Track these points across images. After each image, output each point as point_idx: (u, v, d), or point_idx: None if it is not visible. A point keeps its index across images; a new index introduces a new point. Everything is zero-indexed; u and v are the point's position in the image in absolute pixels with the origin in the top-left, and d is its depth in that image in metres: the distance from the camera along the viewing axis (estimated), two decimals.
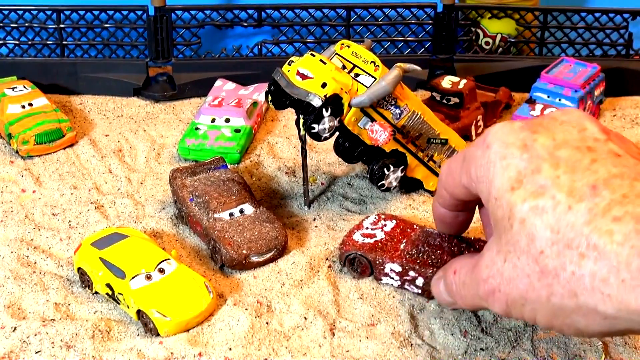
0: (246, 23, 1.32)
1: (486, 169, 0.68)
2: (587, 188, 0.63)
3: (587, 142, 0.66)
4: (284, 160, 1.12)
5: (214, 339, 0.83)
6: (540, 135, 0.67)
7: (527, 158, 0.66)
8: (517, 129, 0.68)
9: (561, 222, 0.63)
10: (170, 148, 1.16)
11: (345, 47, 0.99)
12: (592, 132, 0.68)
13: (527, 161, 0.66)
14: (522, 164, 0.66)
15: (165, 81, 1.32)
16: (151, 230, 0.98)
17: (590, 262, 0.61)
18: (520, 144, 0.67)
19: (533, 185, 0.65)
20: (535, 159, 0.66)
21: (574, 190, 0.63)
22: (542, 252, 0.63)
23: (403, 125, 0.99)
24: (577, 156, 0.65)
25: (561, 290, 0.63)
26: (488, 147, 0.68)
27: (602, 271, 0.60)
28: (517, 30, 1.35)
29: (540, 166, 0.65)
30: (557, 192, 0.63)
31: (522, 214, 0.64)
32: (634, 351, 0.81)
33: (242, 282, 0.90)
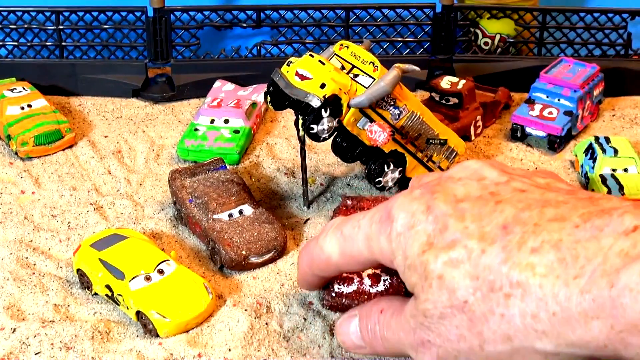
0: (245, 24, 1.32)
1: (398, 242, 0.66)
2: (498, 229, 0.62)
3: (489, 188, 0.65)
4: (283, 161, 1.12)
5: (213, 339, 0.83)
6: (440, 194, 0.66)
7: (432, 219, 0.64)
8: (417, 196, 0.66)
9: (478, 268, 0.61)
10: (169, 149, 1.16)
11: (344, 47, 0.99)
12: (491, 178, 0.67)
13: (433, 222, 0.64)
14: (430, 226, 0.64)
15: (164, 82, 1.32)
16: (150, 231, 0.98)
17: (517, 300, 0.59)
18: (423, 208, 0.65)
19: (443, 242, 0.63)
20: (440, 217, 0.64)
21: (484, 235, 0.62)
22: (466, 302, 0.61)
23: (402, 125, 0.99)
24: (481, 203, 0.64)
25: (493, 336, 0.61)
26: (393, 220, 0.66)
27: (531, 307, 0.58)
28: (516, 30, 1.35)
29: (446, 223, 0.64)
30: (467, 240, 0.62)
31: (438, 271, 0.63)
32: None
33: (242, 283, 0.90)
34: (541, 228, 0.60)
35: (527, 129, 1.16)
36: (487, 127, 1.21)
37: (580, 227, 0.59)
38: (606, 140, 1.09)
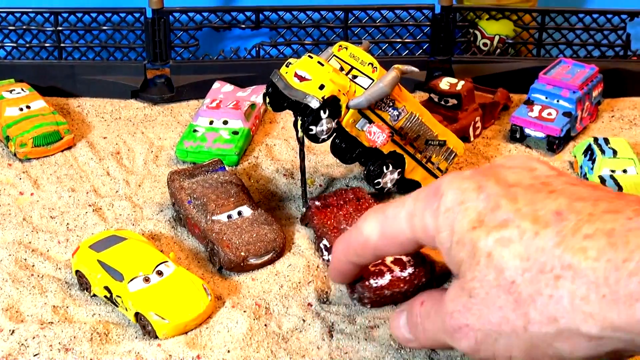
0: (244, 25, 1.32)
1: (445, 217, 0.66)
2: (551, 215, 0.62)
3: (540, 178, 0.66)
4: (282, 162, 1.12)
5: (212, 341, 0.82)
6: (492, 176, 0.66)
7: (484, 198, 0.65)
8: (468, 176, 0.67)
9: (530, 249, 0.61)
10: (168, 150, 1.15)
11: (343, 48, 0.99)
12: (542, 171, 0.68)
13: (484, 201, 0.64)
14: (481, 204, 0.64)
15: (163, 83, 1.32)
16: (149, 233, 0.98)
17: (567, 282, 0.59)
18: (475, 186, 0.66)
19: (495, 220, 0.63)
20: (492, 197, 0.64)
21: (538, 218, 0.62)
22: (514, 282, 0.61)
23: (401, 126, 0.99)
24: (533, 190, 0.65)
25: (539, 317, 0.61)
26: (442, 195, 0.67)
27: (581, 289, 0.59)
28: (514, 31, 1.35)
29: (499, 203, 0.64)
30: (521, 221, 0.62)
31: (488, 248, 0.63)
32: None
33: (241, 284, 0.90)
34: (595, 218, 0.61)
35: (526, 130, 1.16)
36: (486, 128, 1.21)
37: (633, 219, 0.60)
38: (605, 141, 1.09)
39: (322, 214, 0.96)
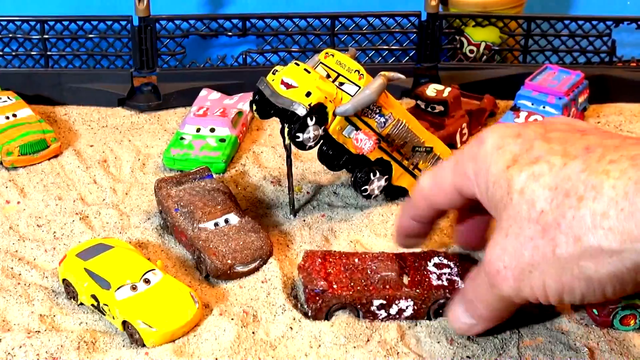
0: (231, 33, 1.32)
1: (483, 161, 0.71)
2: (581, 149, 0.66)
3: (576, 128, 0.71)
4: (269, 170, 1.12)
5: (200, 349, 0.82)
6: (532, 125, 0.72)
7: (521, 142, 0.70)
8: (510, 125, 0.72)
9: (558, 178, 0.65)
10: (155, 158, 1.15)
11: (329, 56, 0.99)
12: (580, 124, 0.73)
13: (520, 144, 0.69)
14: (517, 147, 0.69)
15: (150, 91, 1.32)
16: (136, 241, 0.98)
17: (589, 202, 0.63)
18: (514, 133, 0.71)
19: (528, 158, 0.68)
20: (528, 140, 0.69)
21: (567, 153, 0.67)
22: (542, 212, 0.65)
23: (388, 133, 0.99)
24: (568, 134, 0.69)
25: (564, 238, 0.64)
26: (484, 142, 0.72)
27: (601, 206, 0.62)
28: (501, 38, 1.35)
29: (532, 144, 0.69)
30: (551, 157, 0.67)
31: (520, 184, 0.67)
32: (619, 357, 0.81)
33: (228, 292, 0.90)
34: (621, 148, 0.65)
35: None
36: (473, 135, 1.21)
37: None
38: None
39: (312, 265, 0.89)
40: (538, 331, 0.84)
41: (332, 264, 0.88)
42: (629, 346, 0.83)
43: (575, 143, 0.68)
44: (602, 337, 0.84)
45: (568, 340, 0.83)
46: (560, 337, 0.83)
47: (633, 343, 0.83)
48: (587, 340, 0.83)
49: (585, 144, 0.67)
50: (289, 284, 0.91)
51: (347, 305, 0.85)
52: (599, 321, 0.84)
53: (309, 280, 0.86)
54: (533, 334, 0.84)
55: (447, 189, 0.76)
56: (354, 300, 0.84)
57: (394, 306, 0.85)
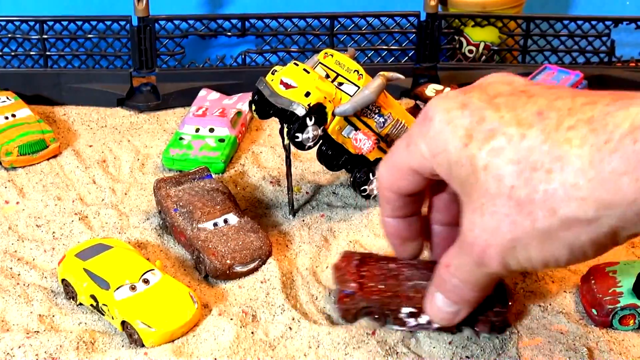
0: (230, 33, 1.32)
1: (437, 140, 0.69)
2: (533, 115, 0.65)
3: (519, 88, 0.69)
4: (268, 170, 1.12)
5: (199, 349, 0.82)
6: (474, 92, 0.70)
7: (469, 113, 0.68)
8: (451, 96, 0.71)
9: (520, 151, 0.65)
10: (154, 158, 1.15)
11: (328, 56, 0.99)
12: (519, 82, 0.71)
13: (469, 116, 0.68)
14: (466, 120, 0.68)
15: (149, 91, 1.32)
16: (135, 241, 0.98)
17: (557, 174, 0.63)
18: (459, 104, 0.69)
19: (482, 133, 0.67)
20: (476, 111, 0.68)
21: (521, 121, 0.66)
22: (513, 187, 0.65)
23: (387, 133, 0.99)
24: (514, 98, 0.68)
25: (541, 213, 0.64)
26: (431, 120, 0.70)
27: (570, 177, 0.62)
28: (500, 38, 1.35)
29: (483, 115, 0.67)
30: (506, 128, 0.66)
31: (483, 161, 0.66)
32: (619, 357, 0.81)
33: (227, 292, 0.90)
34: (575, 110, 0.64)
35: None
36: None
37: (610, 104, 0.63)
38: None
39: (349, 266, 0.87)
40: (537, 331, 0.84)
41: (368, 267, 0.86)
42: (629, 346, 0.83)
43: (524, 108, 0.66)
44: (602, 337, 0.84)
45: (567, 340, 0.83)
46: (559, 337, 0.83)
47: (632, 343, 0.83)
48: (586, 341, 0.83)
49: (536, 109, 0.66)
50: (288, 284, 0.91)
51: (375, 310, 0.83)
52: (598, 321, 0.84)
53: (342, 281, 0.85)
54: (532, 334, 0.84)
55: (405, 172, 0.75)
56: (383, 306, 0.83)
57: (422, 316, 0.82)
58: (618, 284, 0.85)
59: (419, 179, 0.75)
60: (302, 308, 0.88)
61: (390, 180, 0.77)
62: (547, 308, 0.87)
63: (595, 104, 0.64)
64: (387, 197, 0.79)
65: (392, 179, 0.76)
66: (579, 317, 0.86)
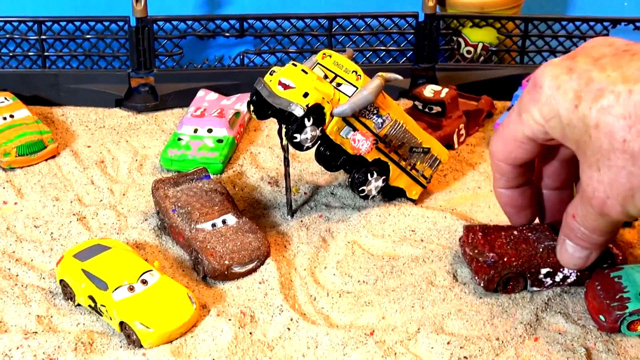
0: (228, 33, 1.32)
1: (548, 105, 0.74)
2: (638, 71, 0.70)
3: (621, 48, 0.73)
4: (266, 170, 1.12)
5: (197, 350, 0.82)
6: (579, 56, 0.74)
7: (577, 76, 0.72)
8: (557, 62, 0.75)
9: (629, 107, 0.69)
10: (152, 159, 1.15)
11: (327, 56, 0.99)
12: (621, 42, 0.75)
13: (577, 79, 0.72)
14: (574, 83, 0.72)
15: (147, 92, 1.31)
16: (134, 242, 0.98)
17: None
18: (566, 69, 0.73)
19: (591, 93, 0.71)
20: (583, 73, 0.72)
21: (627, 78, 0.70)
22: (625, 140, 0.69)
23: (385, 134, 0.99)
24: (617, 57, 0.72)
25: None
26: (541, 87, 0.74)
27: None
28: (498, 39, 1.35)
29: (590, 76, 0.71)
30: (613, 86, 0.70)
31: (594, 120, 0.70)
32: (617, 357, 0.81)
33: (225, 293, 0.90)
34: None
35: None
36: (470, 136, 1.21)
37: None
38: None
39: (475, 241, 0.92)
40: (536, 332, 0.84)
41: (493, 237, 0.91)
42: (626, 347, 0.83)
43: (629, 65, 0.71)
44: (600, 337, 0.84)
45: (565, 340, 0.83)
46: (557, 338, 0.83)
47: (630, 343, 0.83)
48: (584, 341, 0.83)
49: (639, 64, 0.70)
50: (287, 285, 0.91)
51: (516, 275, 0.88)
52: (606, 327, 0.84)
53: (478, 253, 0.90)
54: (530, 335, 0.84)
55: (520, 141, 0.79)
56: (524, 270, 0.88)
57: (559, 274, 0.88)
58: (624, 289, 0.84)
59: (533, 146, 0.79)
60: (300, 309, 0.88)
61: (506, 152, 0.82)
62: (546, 308, 0.87)
63: None
64: (502, 170, 0.84)
65: (507, 150, 0.81)
66: (577, 318, 0.86)
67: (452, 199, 1.07)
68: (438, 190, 1.08)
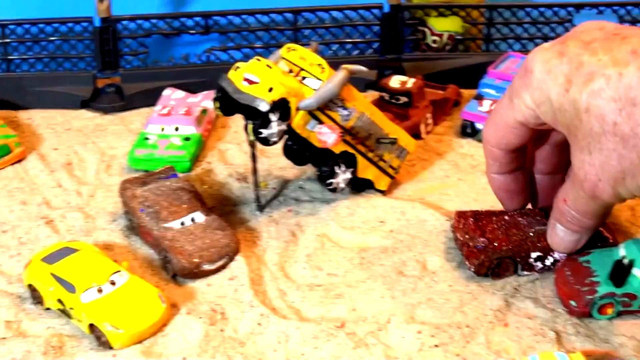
0: (193, 31, 1.31)
1: (539, 89, 0.74)
2: (628, 54, 0.70)
3: (612, 31, 0.74)
4: (235, 167, 1.12)
5: (168, 349, 0.82)
6: (570, 41, 0.75)
7: (567, 60, 0.73)
8: (548, 47, 0.76)
9: (619, 90, 0.69)
10: (120, 159, 1.14)
11: (291, 50, 0.99)
12: (611, 26, 0.75)
13: (568, 63, 0.73)
14: (565, 67, 0.73)
15: (113, 92, 1.31)
16: (102, 243, 0.97)
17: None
18: (557, 53, 0.74)
19: (582, 77, 0.72)
20: (574, 57, 0.73)
21: (617, 61, 0.70)
22: (616, 123, 0.70)
23: (352, 126, 0.99)
24: (608, 41, 0.72)
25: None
26: (532, 72, 0.75)
27: None
28: (463, 27, 1.35)
29: (581, 60, 0.72)
30: (604, 70, 0.70)
31: (584, 104, 0.71)
32: (585, 339, 0.82)
33: (196, 291, 0.90)
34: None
35: (477, 125, 1.17)
36: (438, 125, 1.21)
37: None
38: None
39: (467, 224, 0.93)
40: (505, 317, 0.85)
41: (486, 221, 0.92)
42: (596, 329, 0.83)
43: (620, 48, 0.71)
44: (569, 321, 0.84)
45: (535, 325, 0.83)
46: (527, 323, 0.84)
47: (599, 325, 0.84)
48: (554, 325, 0.84)
49: (630, 48, 0.70)
50: (257, 280, 0.91)
51: (507, 260, 0.89)
52: (577, 312, 0.84)
53: (470, 238, 0.91)
54: (500, 321, 0.84)
55: (512, 126, 0.80)
56: (514, 254, 0.89)
57: (549, 257, 0.89)
58: (593, 273, 0.85)
59: (525, 131, 0.80)
60: (271, 303, 0.88)
61: (498, 137, 0.82)
62: (515, 294, 0.88)
63: None
64: (494, 155, 0.85)
65: (499, 135, 0.83)
66: (546, 302, 0.87)
67: (420, 189, 1.07)
68: (406, 181, 1.08)
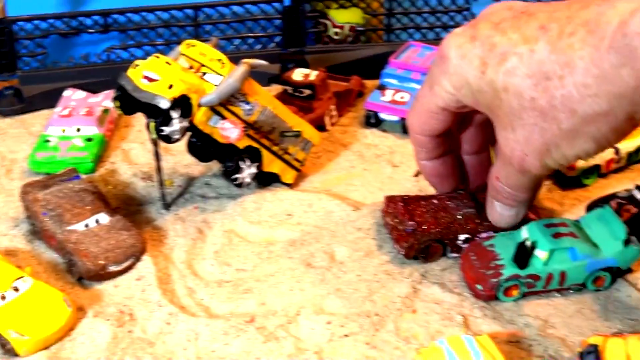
0: (92, 30, 1.29)
1: (457, 74, 0.76)
2: (536, 30, 0.72)
3: (519, 10, 0.76)
4: (139, 166, 1.11)
5: (75, 353, 0.81)
6: (480, 23, 0.77)
7: (480, 43, 0.75)
8: (460, 32, 0.78)
9: (532, 66, 0.71)
10: (21, 163, 1.12)
11: (191, 46, 0.98)
12: (519, 5, 0.77)
13: (480, 46, 0.75)
14: (479, 50, 0.75)
15: (12, 95, 1.27)
16: (4, 249, 0.95)
17: (568, 78, 0.69)
18: (469, 38, 0.76)
19: (495, 58, 0.74)
20: (486, 39, 0.75)
21: (527, 38, 0.72)
22: (533, 98, 0.72)
23: (255, 120, 0.99)
24: (516, 19, 0.75)
25: (563, 115, 0.71)
26: (447, 58, 0.77)
27: (579, 78, 0.69)
28: (364, 18, 1.36)
29: (493, 42, 0.74)
30: (515, 48, 0.73)
31: (502, 83, 0.73)
32: (492, 321, 0.83)
33: (102, 293, 0.89)
34: (572, 17, 0.70)
35: (380, 115, 1.18)
36: (342, 116, 1.22)
37: (601, 4, 0.69)
38: None
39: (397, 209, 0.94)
40: (414, 304, 0.86)
41: (415, 205, 0.94)
42: (501, 311, 0.85)
43: (528, 25, 0.73)
44: (476, 304, 0.86)
45: (442, 310, 0.85)
46: (434, 308, 0.85)
47: (505, 307, 0.85)
48: (460, 309, 0.85)
49: (537, 24, 0.72)
50: (165, 279, 0.90)
51: (435, 242, 0.90)
52: (483, 296, 0.86)
53: (399, 222, 0.92)
54: (409, 307, 0.85)
55: (434, 112, 0.82)
56: (442, 237, 0.90)
57: (477, 239, 0.90)
58: (497, 256, 0.86)
59: (447, 116, 0.82)
60: (179, 302, 0.87)
61: (421, 124, 0.85)
62: (422, 281, 0.89)
63: (588, 7, 0.70)
64: (420, 142, 0.87)
65: (422, 122, 0.84)
66: (453, 287, 0.88)
67: (326, 180, 1.07)
68: (313, 173, 1.09)
